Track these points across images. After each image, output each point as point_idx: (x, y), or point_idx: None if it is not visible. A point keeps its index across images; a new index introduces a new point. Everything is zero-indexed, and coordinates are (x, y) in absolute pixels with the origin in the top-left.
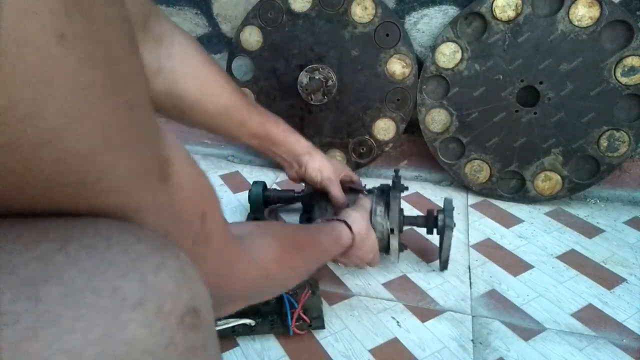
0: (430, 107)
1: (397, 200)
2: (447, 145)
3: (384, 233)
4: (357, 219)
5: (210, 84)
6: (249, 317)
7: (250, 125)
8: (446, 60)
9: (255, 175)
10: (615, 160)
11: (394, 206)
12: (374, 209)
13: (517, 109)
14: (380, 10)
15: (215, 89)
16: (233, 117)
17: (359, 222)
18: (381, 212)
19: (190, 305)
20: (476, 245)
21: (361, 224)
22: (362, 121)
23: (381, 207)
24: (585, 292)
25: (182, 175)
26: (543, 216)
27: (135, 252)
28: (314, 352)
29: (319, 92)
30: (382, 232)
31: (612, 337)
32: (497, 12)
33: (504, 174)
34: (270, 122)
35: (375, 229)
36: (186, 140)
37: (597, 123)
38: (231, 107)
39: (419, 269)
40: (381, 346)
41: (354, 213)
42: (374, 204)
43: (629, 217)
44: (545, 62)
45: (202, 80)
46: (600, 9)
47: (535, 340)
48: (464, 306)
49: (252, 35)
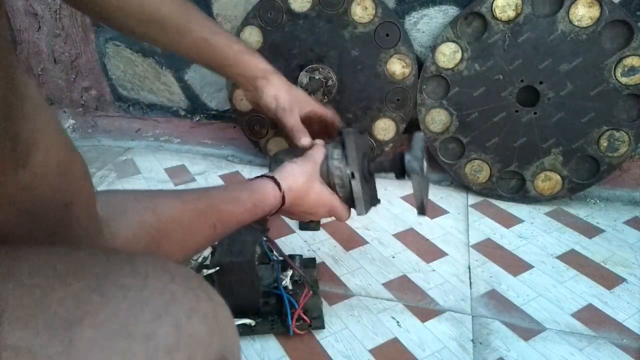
0: (430, 107)
1: (351, 137)
2: (447, 145)
3: (344, 179)
4: (291, 173)
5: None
6: (249, 317)
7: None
8: (446, 60)
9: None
10: (615, 160)
11: (350, 146)
12: (330, 153)
13: (517, 109)
14: (380, 10)
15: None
16: (166, 28)
17: (294, 175)
18: (338, 155)
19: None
20: (476, 245)
21: (297, 176)
22: (362, 121)
23: (338, 150)
24: (585, 292)
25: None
26: (543, 216)
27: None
28: (314, 352)
29: (319, 92)
30: (341, 178)
31: (612, 337)
32: (497, 12)
33: (504, 174)
34: (218, 39)
35: (333, 174)
36: (186, 141)
37: (597, 123)
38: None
39: (419, 269)
40: (381, 346)
41: (289, 165)
42: (331, 148)
43: (629, 217)
44: (545, 62)
45: None
46: (600, 9)
47: (535, 340)
48: (464, 306)
49: (252, 35)
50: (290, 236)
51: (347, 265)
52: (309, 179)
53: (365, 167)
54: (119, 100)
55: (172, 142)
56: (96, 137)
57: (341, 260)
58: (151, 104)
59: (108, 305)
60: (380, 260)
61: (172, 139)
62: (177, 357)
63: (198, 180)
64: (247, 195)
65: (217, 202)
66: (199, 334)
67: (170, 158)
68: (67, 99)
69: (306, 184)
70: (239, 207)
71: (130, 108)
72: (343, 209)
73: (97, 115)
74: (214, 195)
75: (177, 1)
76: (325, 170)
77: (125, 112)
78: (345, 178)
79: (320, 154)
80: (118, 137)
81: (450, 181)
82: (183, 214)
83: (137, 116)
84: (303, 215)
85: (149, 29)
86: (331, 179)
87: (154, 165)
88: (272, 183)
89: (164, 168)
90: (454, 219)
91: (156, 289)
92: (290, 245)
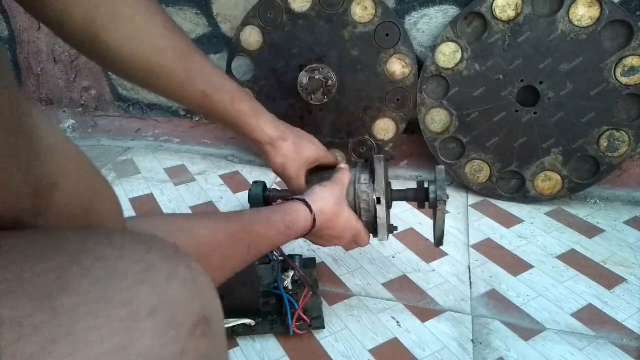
0: (430, 107)
1: (382, 164)
2: (447, 145)
3: (370, 204)
4: (322, 196)
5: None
6: (249, 317)
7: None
8: (446, 60)
9: (255, 175)
10: (615, 160)
11: (379, 172)
12: (357, 177)
13: (517, 109)
14: (380, 10)
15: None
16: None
17: (324, 198)
18: (366, 180)
19: (201, 315)
20: (476, 245)
21: (327, 200)
22: (362, 121)
23: (366, 175)
24: (585, 292)
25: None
26: (543, 216)
27: (147, 261)
28: (314, 352)
29: (319, 92)
30: (367, 203)
31: (612, 337)
32: (497, 12)
33: (504, 174)
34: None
35: (360, 199)
36: (186, 141)
37: (597, 123)
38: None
39: (419, 269)
40: (381, 346)
41: (319, 188)
42: (358, 173)
43: (629, 217)
44: (545, 62)
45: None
46: (600, 8)
47: (535, 340)
48: (464, 306)
49: (252, 35)
50: None
51: (347, 265)
52: (339, 203)
53: (389, 194)
54: (119, 100)
55: (172, 142)
56: (96, 137)
57: (341, 260)
58: (151, 104)
59: (88, 276)
60: (380, 260)
61: (172, 139)
62: (158, 318)
63: (198, 180)
64: (280, 217)
65: (251, 223)
66: (179, 296)
67: (170, 158)
68: (67, 99)
69: (336, 207)
70: (272, 229)
71: (130, 108)
72: (366, 235)
73: (97, 115)
74: (246, 217)
75: (181, 50)
76: (352, 193)
77: (125, 112)
78: (371, 203)
79: (347, 178)
80: (118, 137)
81: (450, 181)
82: (218, 235)
83: (137, 116)
84: (330, 239)
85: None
86: (357, 203)
87: (154, 165)
88: (303, 205)
89: (164, 168)
90: (454, 219)
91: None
92: (290, 245)
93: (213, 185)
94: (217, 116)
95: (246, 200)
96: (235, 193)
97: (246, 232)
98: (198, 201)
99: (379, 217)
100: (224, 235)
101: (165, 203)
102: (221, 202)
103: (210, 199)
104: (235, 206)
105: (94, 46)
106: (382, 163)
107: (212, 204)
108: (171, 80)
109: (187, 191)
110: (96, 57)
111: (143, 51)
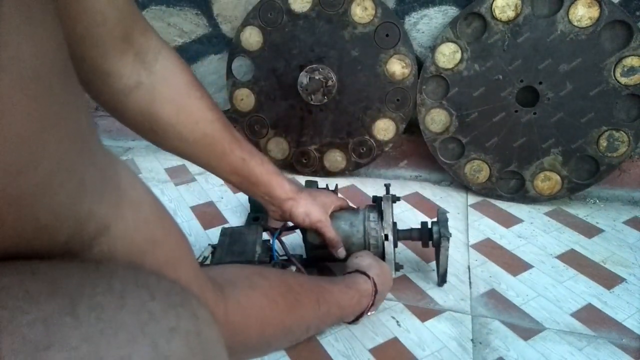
0: (430, 107)
1: (389, 204)
2: (446, 145)
3: (379, 240)
4: (369, 263)
5: (190, 107)
6: None
7: (230, 159)
8: (446, 60)
9: None
10: (614, 160)
11: (387, 211)
12: (366, 215)
13: (516, 109)
14: (380, 11)
15: (195, 114)
16: (212, 148)
17: (374, 266)
18: (374, 217)
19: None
20: (476, 245)
21: (374, 266)
22: (362, 121)
23: (374, 213)
24: (585, 291)
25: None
26: (543, 216)
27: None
28: (314, 352)
29: (319, 92)
30: (376, 239)
31: (612, 336)
32: (497, 12)
33: (504, 174)
34: (255, 160)
35: (369, 235)
36: None
37: (596, 123)
38: (210, 136)
39: (418, 269)
40: (381, 346)
41: (367, 257)
42: (367, 212)
43: (629, 217)
44: (545, 63)
45: (181, 103)
46: (600, 9)
47: (535, 340)
48: (464, 306)
49: (252, 36)
50: (290, 236)
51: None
52: (380, 264)
53: (395, 233)
54: None
55: None
56: None
57: None
58: None
59: (80, 328)
60: None
61: None
62: None
63: (198, 180)
64: (339, 279)
65: (315, 279)
66: (179, 354)
67: (170, 158)
68: None
69: (381, 268)
70: (336, 286)
71: None
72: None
73: (97, 115)
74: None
75: (221, 121)
76: (361, 230)
77: None
78: (380, 239)
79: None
80: (118, 137)
81: (450, 181)
82: (289, 279)
83: None
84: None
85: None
86: (367, 239)
87: (154, 165)
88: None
89: (164, 168)
90: (454, 219)
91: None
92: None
93: (213, 185)
94: (251, 179)
95: (246, 201)
96: (235, 193)
97: (314, 284)
98: (198, 201)
99: (387, 252)
100: (294, 281)
101: (166, 203)
102: (221, 202)
103: (210, 198)
104: (235, 206)
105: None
106: (390, 203)
107: (212, 204)
108: (214, 148)
109: (188, 191)
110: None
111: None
